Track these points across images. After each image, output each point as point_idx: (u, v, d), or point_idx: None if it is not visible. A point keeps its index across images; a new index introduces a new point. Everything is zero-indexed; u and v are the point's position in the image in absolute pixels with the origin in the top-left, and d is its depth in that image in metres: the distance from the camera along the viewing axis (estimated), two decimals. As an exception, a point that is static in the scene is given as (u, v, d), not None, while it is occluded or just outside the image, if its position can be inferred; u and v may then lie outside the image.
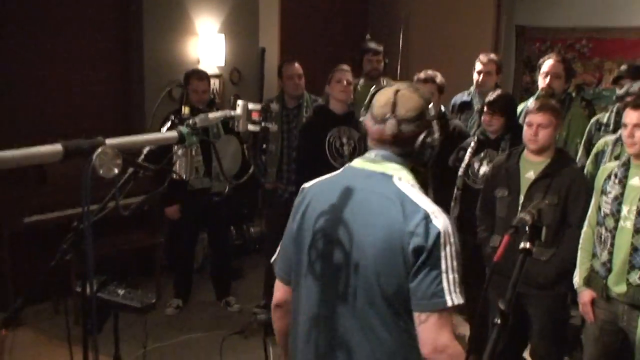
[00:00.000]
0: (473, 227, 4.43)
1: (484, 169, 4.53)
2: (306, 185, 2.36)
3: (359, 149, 4.86)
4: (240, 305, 5.83)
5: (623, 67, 4.96)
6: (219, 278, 5.99)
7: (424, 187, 2.26)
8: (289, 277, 2.36)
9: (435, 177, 4.95)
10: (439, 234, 2.06)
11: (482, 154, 4.63)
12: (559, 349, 4.25)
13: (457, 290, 2.07)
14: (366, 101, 2.30)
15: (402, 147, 2.20)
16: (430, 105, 2.24)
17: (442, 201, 4.73)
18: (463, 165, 4.69)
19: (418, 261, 2.04)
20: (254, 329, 4.55)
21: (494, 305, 4.12)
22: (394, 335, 2.14)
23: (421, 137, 2.18)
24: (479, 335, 4.62)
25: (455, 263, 2.08)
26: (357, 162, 2.27)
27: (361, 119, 2.31)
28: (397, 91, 2.20)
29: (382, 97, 2.22)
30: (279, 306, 2.43)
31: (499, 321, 1.77)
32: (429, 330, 2.06)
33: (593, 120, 4.83)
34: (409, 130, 2.17)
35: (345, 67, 5.29)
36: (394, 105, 2.17)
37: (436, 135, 2.23)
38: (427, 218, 2.07)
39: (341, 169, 2.32)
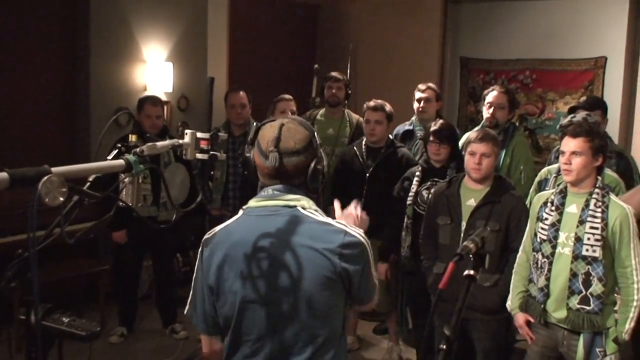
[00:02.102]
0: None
1: (433, 197, 4.60)
2: (207, 236, 2.34)
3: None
4: (187, 332, 5.77)
5: (582, 99, 5.09)
6: (165, 305, 5.93)
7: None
8: (213, 328, 2.37)
9: (380, 205, 5.01)
10: (361, 243, 2.20)
11: (429, 183, 4.70)
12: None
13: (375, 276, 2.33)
14: (251, 136, 2.32)
15: (295, 178, 2.24)
16: (315, 134, 2.28)
17: (392, 229, 4.85)
18: (411, 194, 4.75)
19: (353, 272, 2.18)
20: (200, 357, 4.51)
21: (439, 331, 4.20)
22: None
23: (312, 166, 2.23)
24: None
25: (372, 261, 2.27)
26: (255, 202, 2.28)
27: (247, 154, 2.34)
28: (281, 125, 2.23)
29: (267, 132, 2.24)
30: (215, 353, 2.44)
31: (444, 347, 1.80)
32: (368, 307, 2.43)
33: (554, 149, 4.95)
34: (298, 162, 2.22)
35: (288, 96, 5.28)
36: (278, 139, 2.19)
37: (325, 162, 2.30)
38: (346, 234, 2.17)
39: (241, 212, 2.32)
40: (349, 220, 2.42)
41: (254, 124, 5.75)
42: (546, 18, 7.36)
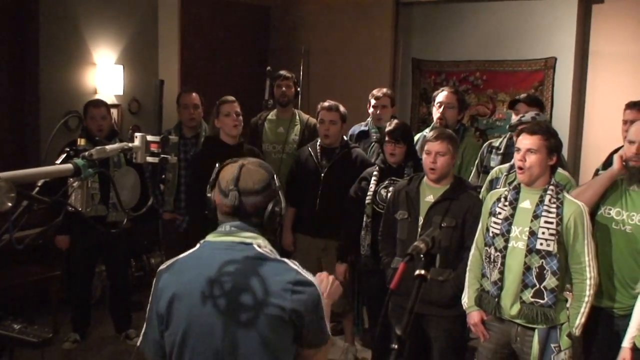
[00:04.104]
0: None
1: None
2: (162, 267, 2.37)
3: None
4: (141, 338, 5.71)
5: (523, 95, 5.19)
6: (119, 311, 5.86)
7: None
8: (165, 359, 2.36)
9: (336, 205, 5.05)
10: (313, 283, 2.25)
11: (387, 182, 4.74)
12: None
13: (328, 325, 2.32)
14: (212, 177, 2.37)
15: (252, 217, 2.29)
16: (275, 177, 2.35)
17: (348, 230, 4.87)
18: (370, 193, 4.78)
19: (304, 310, 2.21)
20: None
21: (394, 331, 4.22)
22: None
23: (269, 207, 2.30)
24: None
25: (324, 310, 2.29)
26: (212, 237, 2.33)
27: (208, 194, 2.38)
28: (242, 166, 2.30)
29: (228, 173, 2.31)
30: None
31: (395, 346, 1.81)
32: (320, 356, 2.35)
33: (486, 143, 5.04)
34: (256, 202, 2.28)
35: (231, 98, 5.27)
36: (237, 179, 2.26)
37: (283, 204, 2.36)
38: (297, 273, 2.23)
39: (198, 245, 2.36)
40: (322, 284, 2.45)
41: (205, 127, 5.76)
42: (496, 19, 7.43)
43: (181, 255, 2.36)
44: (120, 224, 5.23)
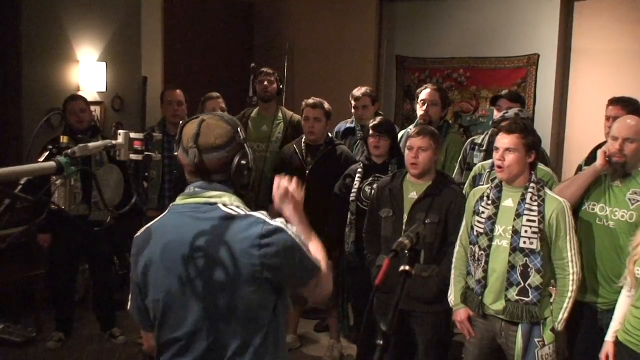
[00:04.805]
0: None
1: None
2: (138, 234, 2.36)
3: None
4: (125, 336, 5.69)
5: (504, 92, 5.21)
6: (102, 309, 5.83)
7: (250, 207, 2.31)
8: (150, 323, 2.36)
9: (320, 202, 5.04)
10: (279, 228, 2.19)
11: (370, 179, 4.75)
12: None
13: (312, 253, 2.29)
14: (177, 135, 2.32)
15: (217, 174, 2.25)
16: (239, 129, 2.28)
17: (333, 226, 4.87)
18: (354, 190, 4.79)
19: (275, 261, 2.16)
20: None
21: (379, 327, 4.22)
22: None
23: (235, 160, 2.24)
24: (366, 356, 4.70)
25: (301, 236, 2.27)
26: (179, 199, 2.31)
27: (175, 152, 2.33)
28: (201, 121, 2.24)
29: (188, 129, 2.26)
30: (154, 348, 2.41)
31: (381, 342, 1.81)
32: (315, 292, 2.35)
33: (469, 140, 5.05)
34: (220, 157, 2.23)
35: (215, 94, 5.25)
36: (197, 135, 2.20)
37: (250, 156, 2.30)
38: (264, 223, 2.18)
39: (167, 210, 2.34)
40: (285, 197, 2.48)
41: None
42: (479, 16, 7.45)
43: (153, 222, 2.35)
44: (103, 222, 5.20)
